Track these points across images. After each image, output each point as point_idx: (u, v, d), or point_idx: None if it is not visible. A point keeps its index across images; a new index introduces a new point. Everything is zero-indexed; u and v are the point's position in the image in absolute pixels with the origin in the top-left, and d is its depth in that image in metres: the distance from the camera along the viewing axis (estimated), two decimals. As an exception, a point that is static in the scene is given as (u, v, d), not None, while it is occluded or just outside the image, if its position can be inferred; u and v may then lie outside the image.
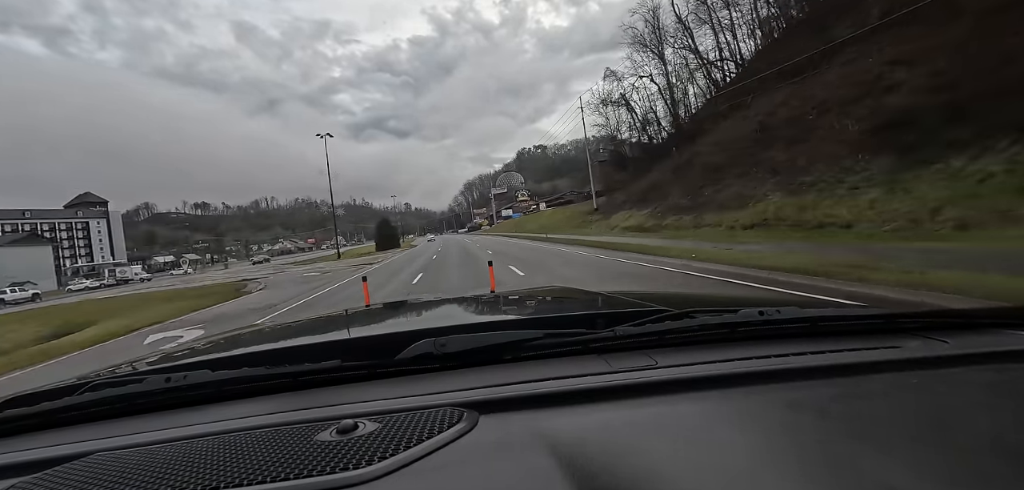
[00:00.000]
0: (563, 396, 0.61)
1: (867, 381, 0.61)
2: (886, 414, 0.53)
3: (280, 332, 1.41)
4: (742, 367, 0.66)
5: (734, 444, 0.48)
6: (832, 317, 0.85)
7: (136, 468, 0.51)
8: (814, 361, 0.67)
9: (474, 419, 0.56)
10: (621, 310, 1.00)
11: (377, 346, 0.91)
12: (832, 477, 0.41)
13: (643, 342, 0.78)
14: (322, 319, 1.63)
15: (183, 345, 1.44)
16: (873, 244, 8.69)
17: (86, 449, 0.61)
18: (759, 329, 0.81)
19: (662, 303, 1.01)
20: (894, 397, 0.57)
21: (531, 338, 0.78)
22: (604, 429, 0.53)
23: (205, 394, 0.75)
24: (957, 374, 0.62)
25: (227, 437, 0.58)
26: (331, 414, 0.63)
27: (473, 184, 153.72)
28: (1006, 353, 0.66)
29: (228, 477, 0.47)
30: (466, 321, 1.24)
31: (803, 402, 0.56)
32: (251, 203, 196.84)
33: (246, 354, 0.99)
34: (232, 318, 10.39)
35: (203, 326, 9.64)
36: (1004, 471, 0.41)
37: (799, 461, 0.45)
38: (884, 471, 0.41)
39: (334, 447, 0.50)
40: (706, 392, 0.60)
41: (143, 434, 0.65)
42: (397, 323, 1.40)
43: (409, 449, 0.49)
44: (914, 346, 0.71)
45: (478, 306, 1.55)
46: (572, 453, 0.47)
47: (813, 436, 0.49)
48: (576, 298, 1.68)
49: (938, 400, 0.56)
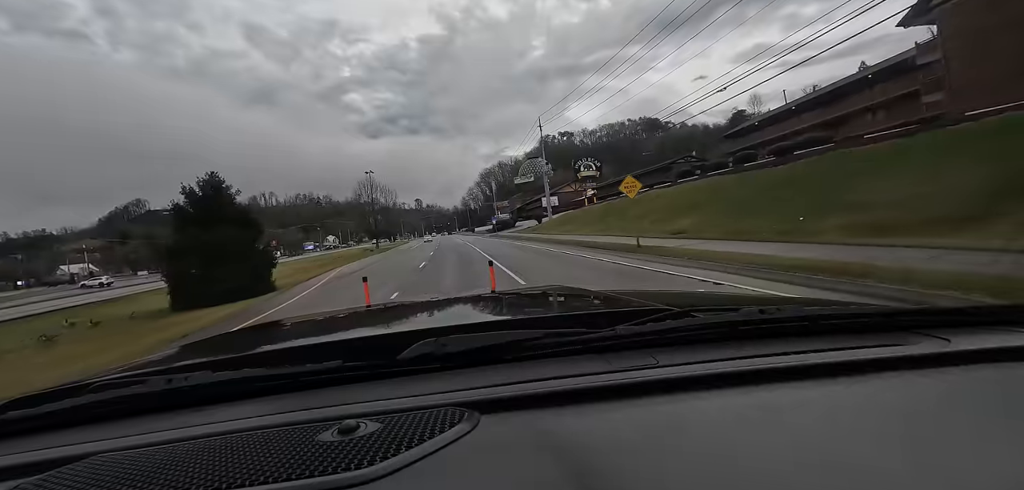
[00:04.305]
0: (564, 396, 0.61)
1: (869, 380, 0.61)
2: (888, 412, 0.53)
3: (281, 333, 1.40)
4: (743, 366, 0.66)
5: (735, 443, 0.48)
6: (833, 315, 0.85)
7: (138, 469, 0.51)
8: (815, 359, 0.67)
9: (475, 419, 0.56)
10: (622, 309, 1.03)
11: (378, 346, 0.91)
12: (834, 476, 0.42)
13: (644, 341, 0.78)
14: (323, 319, 1.61)
15: (183, 345, 1.45)
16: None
17: (89, 450, 0.61)
18: (760, 328, 0.80)
19: (663, 302, 1.02)
20: (896, 395, 0.57)
21: (532, 338, 0.78)
22: (605, 428, 0.53)
23: (207, 395, 0.75)
24: (959, 372, 0.62)
25: (229, 438, 0.58)
26: (333, 414, 0.63)
27: (491, 173, 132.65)
28: (1008, 350, 0.65)
29: (230, 478, 0.47)
30: (467, 321, 1.23)
31: (805, 401, 0.57)
32: (249, 199, 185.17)
33: (247, 355, 0.99)
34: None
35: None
36: (1007, 469, 0.41)
37: (801, 460, 0.45)
38: (886, 470, 0.42)
39: (336, 447, 0.50)
40: (707, 391, 0.60)
41: (145, 435, 0.65)
42: (398, 323, 1.39)
43: (411, 449, 0.49)
44: (916, 344, 0.71)
45: (479, 306, 1.55)
46: (574, 453, 0.47)
47: (815, 435, 0.49)
48: (577, 297, 1.67)
49: (940, 398, 0.56)
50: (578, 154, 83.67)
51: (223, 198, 17.46)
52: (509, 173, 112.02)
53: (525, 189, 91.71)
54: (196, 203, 16.89)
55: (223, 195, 17.53)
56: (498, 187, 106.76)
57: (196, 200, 16.95)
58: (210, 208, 16.74)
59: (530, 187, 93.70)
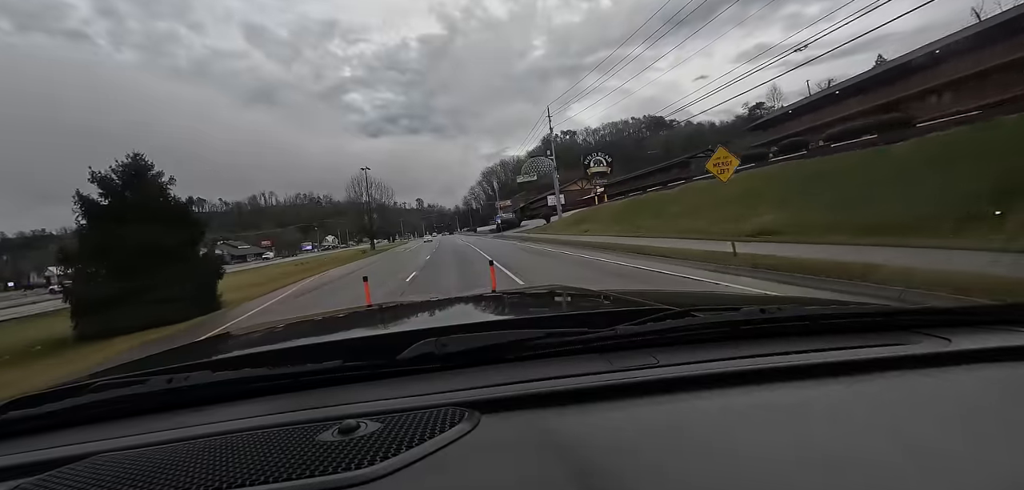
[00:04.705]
0: (565, 395, 0.61)
1: (869, 379, 0.61)
2: (888, 412, 0.53)
3: (281, 332, 1.39)
4: (744, 365, 0.65)
5: (736, 443, 0.48)
6: (833, 315, 0.85)
7: (139, 469, 0.51)
8: (815, 359, 0.67)
9: (476, 419, 0.56)
10: (622, 309, 1.02)
11: (378, 346, 0.91)
12: (834, 475, 0.41)
13: (644, 341, 0.77)
14: (323, 319, 1.61)
15: (183, 345, 1.45)
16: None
17: (89, 450, 0.61)
18: (760, 327, 0.80)
19: (663, 302, 1.02)
20: (896, 395, 0.57)
21: (532, 337, 0.78)
22: (606, 428, 0.53)
23: (207, 395, 0.75)
24: (959, 372, 0.62)
25: (229, 437, 0.57)
26: (333, 414, 0.62)
27: (493, 172, 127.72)
28: (1008, 350, 0.65)
29: (230, 477, 0.47)
30: (467, 321, 1.20)
31: (805, 400, 0.57)
32: (248, 198, 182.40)
33: (247, 355, 0.98)
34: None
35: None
36: (1007, 469, 0.41)
37: (801, 459, 0.45)
38: (886, 469, 0.41)
39: (336, 447, 0.50)
40: (708, 391, 0.60)
41: (146, 435, 0.65)
42: (398, 323, 1.38)
43: (411, 449, 0.49)
44: (916, 344, 0.70)
45: (479, 306, 1.54)
46: (574, 452, 0.47)
47: (815, 434, 0.49)
48: (577, 297, 1.66)
49: (940, 398, 0.56)
50: (582, 152, 79.30)
51: (150, 188, 12.77)
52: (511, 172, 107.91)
53: (528, 188, 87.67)
54: (113, 194, 12.32)
55: (150, 184, 12.80)
56: (500, 186, 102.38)
57: (112, 190, 12.32)
58: (131, 202, 12.27)
59: (533, 186, 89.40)
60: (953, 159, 10.42)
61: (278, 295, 15.06)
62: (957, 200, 8.44)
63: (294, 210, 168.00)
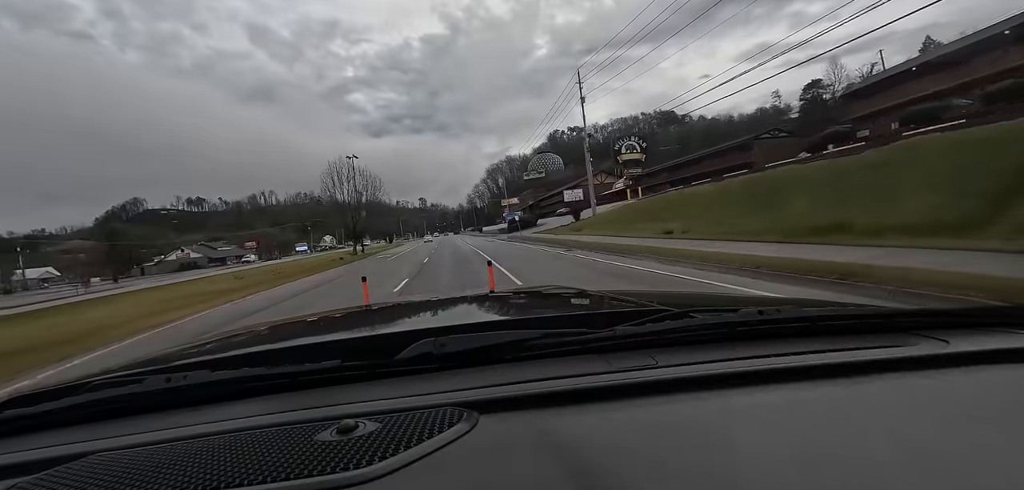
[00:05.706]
0: (563, 396, 0.61)
1: (867, 381, 0.61)
2: (886, 414, 0.53)
3: (279, 332, 1.38)
4: (742, 366, 0.66)
5: (734, 444, 0.48)
6: (831, 316, 0.85)
7: (136, 468, 0.51)
8: (814, 360, 0.67)
9: (474, 419, 0.56)
10: (621, 310, 1.02)
11: (377, 346, 0.90)
12: (833, 476, 0.41)
13: (643, 341, 0.77)
14: (322, 319, 1.59)
15: (183, 345, 1.39)
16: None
17: (86, 449, 0.60)
18: (759, 328, 0.80)
19: (662, 302, 1.01)
20: (894, 397, 0.57)
21: (531, 338, 0.78)
22: (604, 428, 0.53)
23: (205, 394, 0.75)
24: (958, 374, 0.62)
25: (227, 437, 0.57)
26: (331, 414, 0.62)
27: (499, 169, 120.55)
28: (1007, 352, 0.65)
29: (228, 477, 0.47)
30: (466, 321, 1.19)
31: (803, 402, 0.57)
32: (248, 197, 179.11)
33: (246, 354, 0.98)
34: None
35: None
36: (1007, 470, 0.41)
37: (799, 461, 0.45)
38: (885, 470, 0.41)
39: (334, 447, 0.50)
40: (706, 392, 0.60)
41: (143, 434, 0.65)
42: (397, 323, 1.37)
43: (409, 449, 0.49)
44: (914, 345, 0.70)
45: (478, 306, 1.53)
46: (573, 453, 0.47)
47: (813, 436, 0.49)
48: (576, 297, 1.64)
49: (939, 400, 0.56)
50: (591, 148, 71.26)
51: None
52: (517, 169, 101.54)
53: (535, 185, 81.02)
54: None
55: None
56: (506, 183, 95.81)
57: None
58: None
59: (540, 183, 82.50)
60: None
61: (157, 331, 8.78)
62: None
63: (294, 209, 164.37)
